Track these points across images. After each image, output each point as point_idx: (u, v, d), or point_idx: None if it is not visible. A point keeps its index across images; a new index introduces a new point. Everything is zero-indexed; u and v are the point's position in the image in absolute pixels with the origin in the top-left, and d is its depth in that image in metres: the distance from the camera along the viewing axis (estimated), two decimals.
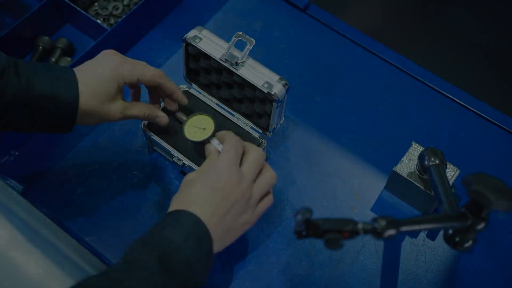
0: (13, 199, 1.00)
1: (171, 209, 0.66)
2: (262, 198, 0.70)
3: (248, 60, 0.78)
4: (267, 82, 0.76)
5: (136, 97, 0.80)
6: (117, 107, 0.72)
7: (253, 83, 0.76)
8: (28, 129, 0.69)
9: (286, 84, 0.77)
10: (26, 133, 0.73)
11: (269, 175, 0.70)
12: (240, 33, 0.77)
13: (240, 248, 0.79)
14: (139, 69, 0.73)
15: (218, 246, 0.65)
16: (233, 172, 0.66)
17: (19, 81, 0.66)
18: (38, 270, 1.10)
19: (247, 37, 0.76)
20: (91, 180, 0.84)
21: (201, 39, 0.79)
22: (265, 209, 0.71)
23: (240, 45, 0.78)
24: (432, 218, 0.61)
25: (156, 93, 0.79)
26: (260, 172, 0.70)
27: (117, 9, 0.99)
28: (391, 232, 0.56)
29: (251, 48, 0.76)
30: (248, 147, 0.71)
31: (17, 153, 0.86)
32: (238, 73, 0.77)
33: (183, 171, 0.84)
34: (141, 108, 0.76)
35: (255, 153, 0.69)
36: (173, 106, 0.80)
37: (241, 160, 0.70)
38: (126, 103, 0.74)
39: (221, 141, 0.73)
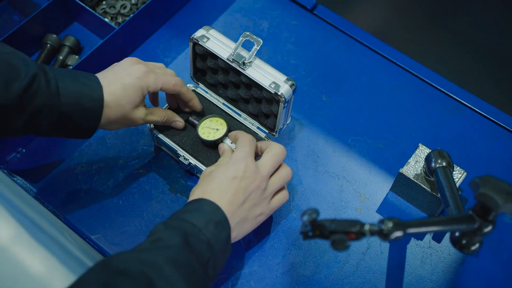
0: (20, 196, 1.00)
1: (191, 198, 0.69)
2: (277, 192, 0.74)
3: (255, 60, 0.78)
4: (274, 83, 0.76)
5: (156, 101, 0.83)
6: (139, 115, 0.75)
7: (260, 83, 0.76)
8: (51, 134, 0.71)
9: (293, 84, 0.77)
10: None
11: (284, 171, 0.74)
12: (248, 33, 0.77)
13: (246, 248, 0.79)
14: (162, 79, 0.76)
15: (235, 234, 0.68)
16: (249, 164, 0.70)
17: (48, 87, 0.67)
18: (42, 267, 1.10)
19: (255, 37, 0.76)
20: (98, 178, 0.84)
21: (208, 38, 0.79)
22: (280, 203, 0.74)
23: (247, 45, 0.78)
24: (439, 220, 0.61)
25: (174, 97, 0.82)
26: (277, 168, 0.73)
27: (125, 8, 0.99)
28: (397, 234, 0.56)
29: (258, 48, 0.76)
30: (270, 144, 0.75)
31: (24, 151, 0.86)
32: (245, 73, 0.77)
33: (189, 170, 0.84)
34: (161, 114, 0.79)
35: (274, 149, 0.73)
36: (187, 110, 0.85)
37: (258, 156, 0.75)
38: (148, 110, 0.77)
39: (234, 140, 0.77)
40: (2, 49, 0.68)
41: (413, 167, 0.79)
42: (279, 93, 0.75)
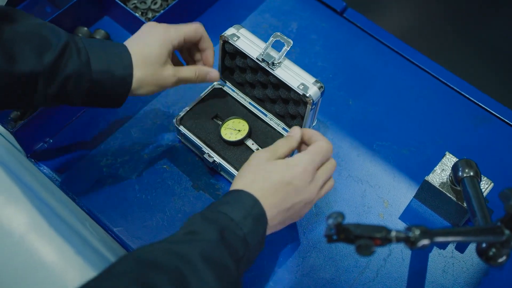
0: (44, 185, 1.02)
1: (234, 187, 0.66)
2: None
3: (284, 61, 0.78)
4: (302, 84, 0.76)
5: (189, 56, 0.82)
6: (169, 72, 0.74)
7: (288, 84, 0.76)
8: (83, 103, 0.71)
9: (322, 86, 0.76)
10: (79, 106, 0.75)
11: (332, 166, 0.70)
12: (278, 33, 0.77)
13: (267, 248, 0.79)
14: (183, 28, 0.75)
15: (269, 231, 0.66)
16: (308, 174, 0.66)
17: (79, 56, 0.68)
18: (56, 256, 1.11)
19: (285, 37, 0.76)
20: (122, 171, 0.85)
21: (238, 37, 0.79)
22: (325, 192, 0.70)
23: (276, 46, 0.78)
24: (467, 230, 0.60)
25: (191, 57, 0.81)
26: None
27: (155, 3, 1.00)
28: (424, 242, 0.55)
29: (288, 49, 0.76)
30: (319, 143, 0.69)
31: (51, 141, 0.87)
32: (274, 73, 0.77)
33: (213, 167, 0.84)
34: (191, 68, 0.78)
35: (332, 161, 0.69)
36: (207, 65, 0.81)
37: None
38: (176, 67, 0.76)
39: (309, 140, 0.71)
40: (33, 20, 0.68)
41: (439, 175, 0.79)
42: (307, 95, 0.75)
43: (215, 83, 0.87)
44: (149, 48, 0.72)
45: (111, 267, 0.53)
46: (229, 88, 0.87)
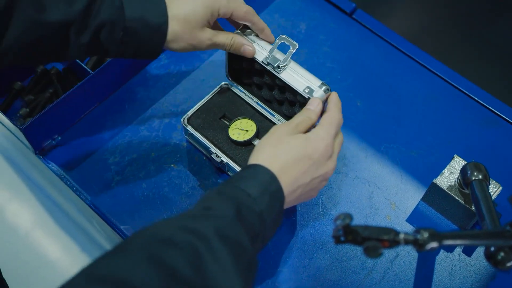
0: (52, 182, 1.02)
1: (253, 161, 0.65)
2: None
3: (290, 63, 0.77)
4: (308, 87, 0.75)
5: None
6: (206, 35, 0.73)
7: (294, 88, 0.76)
8: (117, 53, 0.69)
9: (328, 89, 0.76)
10: (114, 57, 0.72)
11: (341, 138, 0.71)
12: (284, 36, 0.77)
13: (272, 249, 0.79)
14: (234, 5, 0.73)
15: (286, 206, 0.65)
16: (329, 149, 0.66)
17: (112, 1, 0.66)
18: (61, 253, 1.11)
19: (291, 40, 0.76)
20: (130, 169, 0.85)
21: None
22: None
23: (283, 48, 0.78)
24: (476, 234, 0.60)
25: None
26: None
27: None
28: (433, 245, 0.55)
29: (294, 51, 0.76)
30: (331, 114, 0.70)
31: (59, 138, 0.88)
32: (279, 77, 0.77)
33: (220, 167, 0.84)
34: (228, 36, 0.75)
35: (340, 135, 0.70)
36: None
37: None
38: (214, 31, 0.74)
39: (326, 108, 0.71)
40: None
41: (447, 178, 0.78)
42: None
43: (222, 83, 0.87)
44: (194, 5, 0.70)
45: (124, 243, 0.52)
46: (236, 88, 0.87)
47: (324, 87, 0.75)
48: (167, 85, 0.94)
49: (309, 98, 0.74)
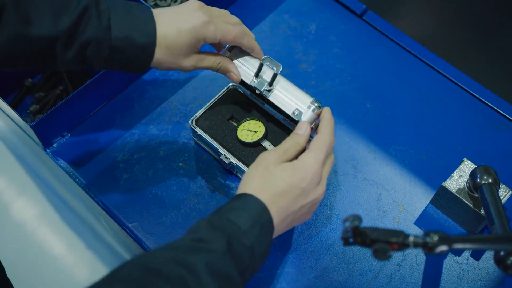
0: (60, 179, 1.02)
1: (243, 190, 0.64)
2: None
3: (278, 82, 0.75)
4: (297, 109, 0.74)
5: (219, 48, 0.79)
6: (189, 62, 0.72)
7: (283, 110, 0.75)
8: (104, 67, 0.69)
9: (319, 106, 0.74)
10: (102, 69, 0.72)
11: (332, 160, 0.70)
12: (267, 57, 0.75)
13: (280, 249, 0.79)
14: (222, 30, 0.71)
15: (276, 235, 0.65)
16: (317, 176, 0.66)
17: (99, 20, 0.65)
18: (65, 250, 1.11)
19: (274, 61, 0.75)
20: (138, 167, 0.85)
21: (232, 60, 0.77)
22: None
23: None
24: (486, 238, 0.60)
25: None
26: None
27: (175, 1, 1.00)
28: (443, 248, 0.55)
29: (279, 73, 0.75)
30: (322, 136, 0.69)
31: (69, 135, 0.88)
32: (268, 99, 0.76)
33: (228, 168, 0.84)
34: (216, 60, 0.74)
35: (332, 156, 0.70)
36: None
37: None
38: (200, 56, 0.73)
39: (317, 131, 0.70)
40: None
41: (456, 181, 0.78)
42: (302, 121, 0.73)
43: (230, 84, 0.87)
44: (178, 35, 0.68)
45: (114, 272, 0.52)
46: (244, 89, 0.87)
47: (313, 106, 0.73)
48: (176, 84, 0.94)
49: (298, 120, 0.73)
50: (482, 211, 0.75)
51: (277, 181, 0.64)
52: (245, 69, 0.77)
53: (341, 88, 0.94)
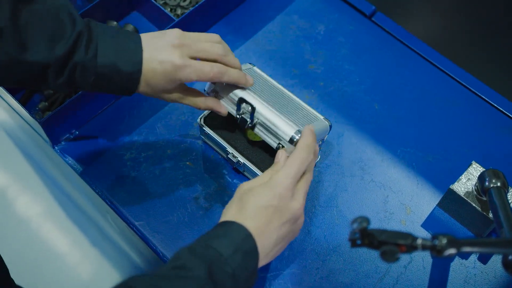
0: (67, 176, 1.03)
1: (222, 219, 0.65)
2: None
3: (261, 115, 0.74)
4: (279, 144, 0.73)
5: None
6: (172, 97, 0.72)
7: (269, 144, 0.75)
8: (92, 90, 0.69)
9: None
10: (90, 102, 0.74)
11: (310, 178, 0.69)
12: (243, 98, 0.74)
13: (286, 250, 0.79)
14: (198, 73, 0.70)
15: (263, 262, 0.64)
16: (288, 192, 0.65)
17: (88, 47, 0.65)
18: (70, 247, 1.11)
19: (250, 102, 0.74)
20: (145, 165, 0.85)
21: (217, 92, 0.77)
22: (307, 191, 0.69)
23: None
24: (495, 241, 0.59)
25: None
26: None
27: (184, 0, 1.00)
28: (451, 251, 0.54)
29: (254, 113, 0.74)
30: (300, 146, 0.68)
31: (77, 132, 0.88)
32: (255, 132, 0.76)
33: (236, 167, 0.84)
34: (197, 100, 0.74)
35: (310, 173, 0.69)
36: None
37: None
38: (183, 93, 0.73)
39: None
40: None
41: (464, 184, 0.78)
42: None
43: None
44: (154, 75, 0.68)
45: None
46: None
47: (297, 137, 0.72)
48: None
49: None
50: (490, 215, 0.74)
51: (250, 203, 0.64)
52: (229, 101, 0.76)
53: (350, 89, 0.94)
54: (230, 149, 0.82)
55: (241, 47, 0.98)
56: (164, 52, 0.68)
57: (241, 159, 0.81)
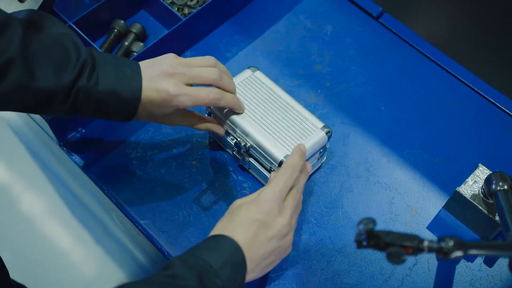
0: (73, 174, 1.03)
1: (213, 232, 0.67)
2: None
3: (254, 140, 0.77)
4: (271, 169, 0.78)
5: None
6: (172, 120, 0.77)
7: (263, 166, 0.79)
8: (91, 116, 0.72)
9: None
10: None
11: (295, 195, 0.70)
12: (237, 127, 0.78)
13: (291, 250, 0.79)
14: (193, 100, 0.72)
15: (251, 276, 0.66)
16: (274, 207, 0.66)
17: (90, 75, 0.68)
18: (74, 245, 1.12)
19: (239, 139, 0.79)
20: (151, 164, 0.86)
21: (213, 112, 0.81)
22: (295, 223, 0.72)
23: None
24: (502, 244, 0.59)
25: None
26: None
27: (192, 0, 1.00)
28: (458, 253, 0.54)
29: (245, 149, 0.79)
30: (285, 166, 0.70)
31: (83, 131, 0.89)
32: (249, 160, 0.81)
33: (242, 165, 0.84)
34: (196, 121, 0.79)
35: (298, 190, 0.70)
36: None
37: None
38: (181, 117, 0.77)
39: None
40: (58, 29, 0.68)
41: (471, 187, 0.77)
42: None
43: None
44: (151, 104, 0.71)
45: None
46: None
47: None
48: None
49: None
50: (497, 218, 0.74)
51: (239, 216, 0.66)
52: (225, 123, 0.80)
53: (356, 90, 0.94)
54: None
55: (248, 47, 0.98)
56: (159, 81, 0.71)
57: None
